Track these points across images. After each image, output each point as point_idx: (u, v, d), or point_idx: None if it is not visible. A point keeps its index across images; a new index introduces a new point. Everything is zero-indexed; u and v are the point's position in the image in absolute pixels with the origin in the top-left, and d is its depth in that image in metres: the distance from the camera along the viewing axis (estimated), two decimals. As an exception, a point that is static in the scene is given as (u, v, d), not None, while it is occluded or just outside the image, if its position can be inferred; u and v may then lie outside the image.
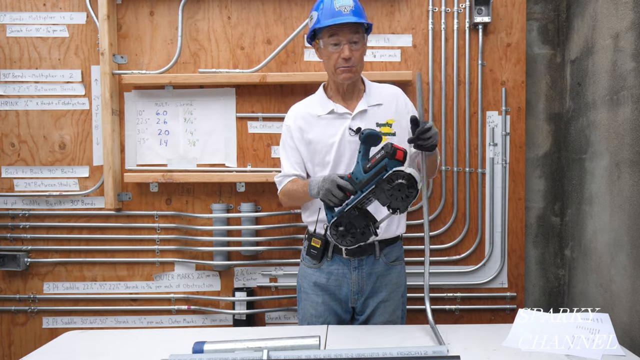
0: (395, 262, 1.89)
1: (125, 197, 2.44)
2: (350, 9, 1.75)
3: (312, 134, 1.86)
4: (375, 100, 1.86)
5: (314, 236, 1.85)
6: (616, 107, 1.94)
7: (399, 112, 1.87)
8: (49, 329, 2.47)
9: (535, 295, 2.50)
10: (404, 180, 1.47)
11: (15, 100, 2.44)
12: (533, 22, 2.44)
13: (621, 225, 1.90)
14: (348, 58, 1.75)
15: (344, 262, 1.84)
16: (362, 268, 1.84)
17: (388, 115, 1.86)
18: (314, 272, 1.87)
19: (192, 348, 1.42)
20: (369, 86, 1.90)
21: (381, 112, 1.85)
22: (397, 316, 1.89)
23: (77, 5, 2.41)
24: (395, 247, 1.90)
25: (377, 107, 1.86)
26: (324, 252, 1.85)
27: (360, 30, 1.78)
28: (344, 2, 1.76)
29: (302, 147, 1.88)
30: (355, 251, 1.82)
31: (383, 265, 1.86)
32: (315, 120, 1.86)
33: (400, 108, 1.88)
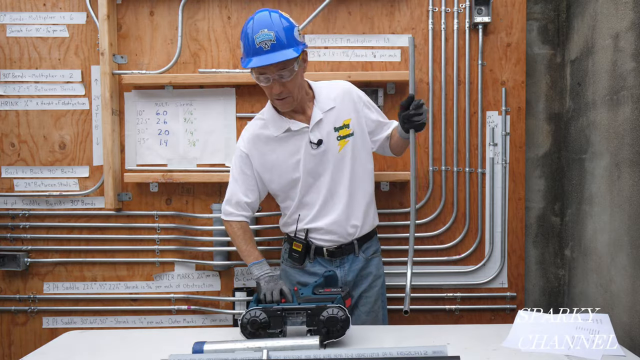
0: (374, 255, 1.96)
1: (125, 197, 2.44)
2: (271, 44, 1.64)
3: (272, 156, 1.85)
4: (328, 105, 1.84)
5: (294, 240, 1.89)
6: (616, 107, 1.94)
7: (355, 108, 1.87)
8: (49, 329, 2.47)
9: (535, 295, 2.50)
10: (338, 317, 1.48)
11: (15, 100, 2.44)
12: (533, 22, 2.44)
13: (621, 225, 1.90)
14: (279, 93, 1.71)
15: (326, 262, 1.89)
16: (343, 266, 1.89)
17: (343, 115, 1.85)
18: (297, 273, 1.92)
19: (192, 348, 1.42)
20: (318, 92, 1.86)
21: (335, 114, 1.85)
22: (378, 306, 1.95)
23: (77, 5, 2.41)
24: (372, 242, 1.96)
25: (331, 111, 1.84)
26: (306, 255, 1.89)
27: (289, 62, 1.67)
28: (264, 36, 1.64)
29: (263, 172, 1.87)
30: (336, 252, 1.88)
31: (362, 261, 1.92)
32: (273, 141, 1.84)
33: (355, 104, 1.87)
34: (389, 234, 2.40)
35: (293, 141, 1.83)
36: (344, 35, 2.39)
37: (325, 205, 1.85)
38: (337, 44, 2.39)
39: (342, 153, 1.84)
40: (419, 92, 2.39)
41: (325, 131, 1.83)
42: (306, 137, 1.82)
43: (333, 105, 1.84)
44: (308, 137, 1.82)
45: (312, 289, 1.65)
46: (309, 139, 1.81)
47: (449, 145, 2.40)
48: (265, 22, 1.67)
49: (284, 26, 1.68)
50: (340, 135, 1.84)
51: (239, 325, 1.50)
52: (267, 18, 1.68)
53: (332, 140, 1.83)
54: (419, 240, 2.41)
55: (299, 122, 1.83)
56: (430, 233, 2.41)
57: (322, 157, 1.83)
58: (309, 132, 1.82)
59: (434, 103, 2.39)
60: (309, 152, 1.82)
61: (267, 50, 1.64)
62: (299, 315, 1.51)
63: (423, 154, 2.40)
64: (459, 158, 2.40)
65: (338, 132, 1.84)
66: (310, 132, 1.82)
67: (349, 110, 1.86)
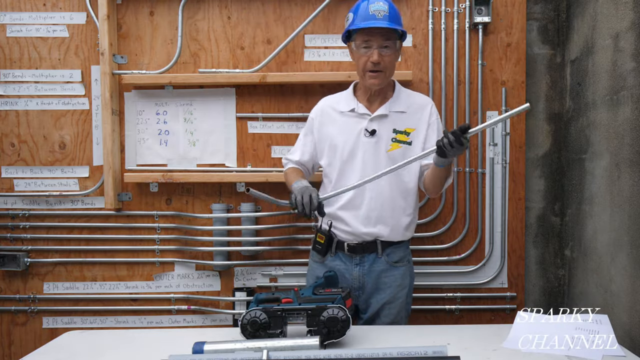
0: (399, 262, 1.89)
1: (125, 197, 2.44)
2: (384, 14, 1.76)
3: (331, 128, 1.91)
4: (400, 107, 1.88)
5: (319, 231, 1.90)
6: (616, 107, 1.94)
7: (422, 123, 1.88)
8: (49, 329, 2.47)
9: (535, 295, 2.50)
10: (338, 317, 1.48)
11: (15, 100, 2.44)
12: (533, 22, 2.44)
13: (621, 225, 1.90)
14: (377, 62, 1.77)
15: (347, 258, 1.88)
16: (363, 265, 1.87)
17: (409, 124, 1.87)
18: (318, 267, 1.92)
19: (192, 348, 1.42)
20: (398, 92, 1.91)
21: (403, 119, 1.87)
22: (401, 317, 1.91)
23: (77, 5, 2.41)
24: (399, 248, 1.90)
25: (400, 114, 1.87)
26: (328, 248, 1.89)
27: (392, 36, 1.78)
28: (379, 6, 1.77)
29: (319, 142, 1.94)
30: (357, 248, 1.86)
31: (385, 264, 1.87)
32: (338, 115, 1.91)
33: (425, 119, 1.88)
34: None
35: (353, 122, 1.88)
36: (344, 35, 2.39)
37: (356, 196, 1.84)
38: (337, 44, 2.39)
39: (390, 155, 1.84)
40: (419, 91, 2.37)
41: (384, 127, 1.85)
42: (364, 123, 1.86)
43: (404, 110, 1.87)
44: (366, 124, 1.86)
45: (312, 289, 1.66)
46: (365, 127, 1.85)
47: (449, 145, 2.39)
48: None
49: (396, 8, 1.83)
50: (397, 138, 1.85)
51: (239, 326, 1.50)
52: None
53: (387, 138, 1.85)
54: (419, 240, 2.41)
55: (366, 108, 1.87)
56: (430, 233, 2.41)
57: (370, 148, 1.85)
58: (368, 120, 1.85)
59: (434, 103, 2.38)
60: (361, 138, 1.85)
61: (380, 19, 1.76)
62: (299, 315, 1.51)
63: (423, 154, 2.40)
64: (459, 158, 2.40)
65: (396, 134, 1.86)
66: (370, 121, 1.85)
67: (416, 122, 1.88)
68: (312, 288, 1.66)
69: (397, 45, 1.81)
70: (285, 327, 1.52)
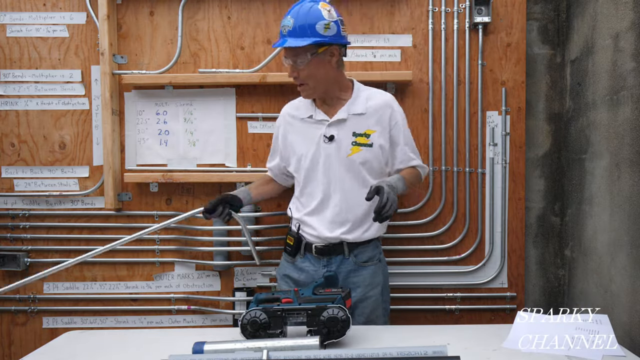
0: (368, 262, 1.90)
1: (125, 197, 2.44)
2: (288, 30, 1.73)
3: (293, 137, 1.92)
4: (359, 109, 1.85)
5: (289, 234, 1.94)
6: (616, 107, 1.94)
7: (383, 124, 1.86)
8: (49, 329, 2.47)
9: (535, 295, 2.50)
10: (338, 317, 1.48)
11: (15, 100, 2.44)
12: (533, 22, 2.44)
13: (621, 225, 1.90)
14: (292, 77, 1.80)
15: (315, 260, 1.90)
16: (330, 266, 1.88)
17: (369, 125, 1.85)
18: (288, 266, 1.95)
19: (192, 348, 1.42)
20: (356, 93, 1.88)
21: (362, 121, 1.85)
22: (376, 315, 1.90)
23: (77, 5, 2.41)
24: (367, 248, 1.90)
25: (359, 117, 1.85)
26: (297, 249, 1.91)
27: (303, 50, 1.73)
28: (285, 22, 1.74)
29: (284, 148, 1.95)
30: (324, 250, 1.88)
31: (352, 265, 1.88)
32: (298, 123, 1.91)
33: (385, 119, 1.86)
34: (390, 234, 2.40)
35: (312, 129, 1.87)
36: (344, 35, 2.39)
37: (321, 202, 1.86)
38: (337, 44, 2.39)
39: (351, 159, 1.83)
40: (419, 92, 2.39)
41: (343, 131, 1.84)
42: (323, 129, 1.85)
43: (364, 111, 1.85)
44: (324, 130, 1.85)
45: (312, 289, 1.66)
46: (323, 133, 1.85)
47: (449, 146, 2.40)
48: (293, 10, 1.74)
49: (310, 17, 1.72)
50: (356, 141, 1.84)
51: (239, 326, 1.50)
52: (299, 7, 1.75)
53: (346, 143, 1.84)
54: (419, 240, 2.42)
55: (324, 113, 1.87)
56: (430, 233, 2.41)
57: (330, 154, 1.84)
58: (326, 126, 1.85)
59: (434, 103, 2.39)
60: (321, 144, 1.85)
61: (284, 35, 1.74)
62: (299, 315, 1.51)
63: (423, 154, 2.40)
64: (459, 158, 2.40)
65: (356, 137, 1.84)
66: (328, 126, 1.85)
67: (376, 123, 1.85)
68: (312, 288, 1.66)
69: (309, 56, 1.73)
70: (285, 327, 1.52)
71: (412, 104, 2.40)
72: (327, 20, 1.73)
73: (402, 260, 2.41)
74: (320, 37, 1.73)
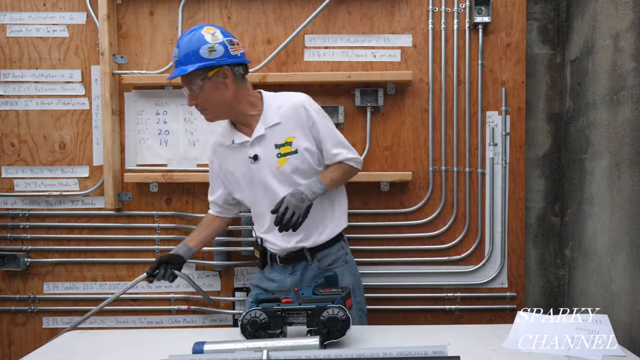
0: (333, 265, 1.90)
1: (125, 197, 2.44)
2: (175, 60, 1.74)
3: (227, 164, 1.92)
4: (273, 120, 1.82)
5: (255, 247, 1.97)
6: (616, 107, 1.94)
7: (301, 127, 1.82)
8: (49, 329, 2.47)
9: (535, 295, 2.50)
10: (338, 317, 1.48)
11: (15, 100, 2.44)
12: (533, 22, 2.44)
13: (621, 225, 1.90)
14: (191, 105, 1.78)
15: (281, 269, 1.92)
16: (295, 274, 1.90)
17: (288, 132, 1.82)
18: (260, 277, 1.98)
19: (192, 348, 1.42)
20: (267, 105, 1.84)
21: (279, 131, 1.82)
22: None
23: (77, 5, 2.41)
24: (330, 251, 1.91)
25: (276, 127, 1.82)
26: (264, 261, 1.94)
27: (193, 77, 1.72)
28: (174, 52, 1.75)
29: (224, 177, 1.95)
30: (288, 259, 1.89)
31: (316, 270, 1.89)
32: (226, 150, 1.90)
33: (302, 121, 1.82)
34: (390, 234, 2.41)
35: (239, 152, 1.86)
36: (344, 35, 2.39)
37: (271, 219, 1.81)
38: (337, 44, 2.39)
39: (281, 171, 1.82)
40: (419, 92, 2.39)
41: (265, 147, 1.82)
42: (247, 150, 1.84)
43: (279, 120, 1.82)
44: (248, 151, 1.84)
45: (312, 289, 1.66)
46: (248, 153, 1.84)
47: (449, 145, 2.40)
48: (180, 40, 1.75)
49: (193, 43, 1.72)
50: (281, 152, 1.82)
51: (239, 326, 1.50)
52: (184, 36, 1.75)
53: (271, 157, 1.82)
54: (419, 240, 2.42)
55: (244, 135, 1.84)
56: (430, 233, 2.41)
57: (261, 172, 1.84)
58: (248, 146, 1.83)
59: (434, 103, 2.39)
60: (250, 166, 1.85)
61: (175, 66, 1.75)
62: (300, 315, 1.51)
63: (423, 154, 2.40)
64: (459, 158, 2.40)
65: (279, 149, 1.82)
66: (250, 146, 1.83)
67: (294, 128, 1.82)
68: (312, 288, 1.66)
69: (200, 81, 1.72)
70: (285, 327, 1.52)
71: (412, 104, 2.40)
72: (211, 44, 1.72)
73: (402, 260, 2.41)
74: (205, 61, 1.71)
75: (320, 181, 1.80)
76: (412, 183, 2.40)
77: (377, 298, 2.42)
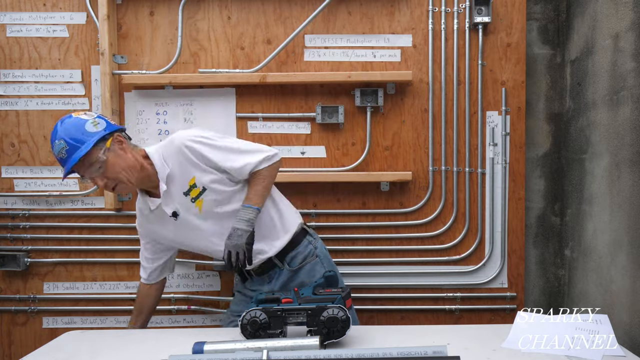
0: (304, 262, 1.93)
1: (125, 197, 2.44)
2: (65, 150, 1.66)
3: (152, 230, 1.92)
4: (164, 172, 1.78)
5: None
6: (616, 107, 1.94)
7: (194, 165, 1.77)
8: (49, 329, 2.47)
9: (535, 295, 2.50)
10: (338, 317, 1.48)
11: (15, 100, 2.44)
12: (533, 22, 2.44)
13: (621, 225, 1.90)
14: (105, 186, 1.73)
15: (259, 279, 1.96)
16: (271, 281, 1.94)
17: (185, 177, 1.78)
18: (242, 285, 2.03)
19: (192, 348, 1.42)
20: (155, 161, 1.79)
21: (177, 178, 1.78)
22: None
23: (77, 5, 2.41)
24: (296, 252, 1.93)
25: (172, 178, 1.78)
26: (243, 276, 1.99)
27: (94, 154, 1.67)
28: (57, 148, 1.67)
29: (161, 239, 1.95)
30: (262, 271, 1.93)
31: (287, 273, 1.92)
32: (148, 217, 1.89)
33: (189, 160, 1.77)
34: (390, 234, 2.41)
35: (160, 215, 1.85)
36: (344, 35, 2.39)
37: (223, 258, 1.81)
38: (337, 44, 2.39)
39: (205, 212, 1.81)
40: (419, 92, 2.39)
41: (177, 200, 1.80)
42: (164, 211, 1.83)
43: (169, 170, 1.78)
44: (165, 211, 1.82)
45: (312, 289, 1.66)
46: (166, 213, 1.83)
47: (449, 145, 2.40)
48: (55, 135, 1.68)
49: (75, 126, 1.68)
50: (193, 197, 1.80)
51: (239, 326, 1.51)
52: (55, 130, 1.69)
53: (188, 206, 1.81)
54: (419, 240, 2.42)
55: (156, 198, 1.83)
56: (430, 233, 2.41)
57: (187, 224, 1.83)
58: (162, 207, 1.82)
59: (434, 103, 2.39)
60: (176, 224, 1.84)
61: (67, 158, 1.66)
62: (299, 315, 1.51)
63: (423, 154, 2.40)
64: (459, 158, 2.40)
65: (189, 195, 1.79)
66: (164, 207, 1.81)
67: (188, 169, 1.77)
68: (312, 288, 1.66)
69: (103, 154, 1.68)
70: (285, 327, 1.52)
71: (412, 104, 2.40)
72: (91, 119, 1.71)
73: (402, 260, 2.41)
74: (97, 134, 1.68)
75: (247, 205, 1.77)
76: (412, 183, 2.40)
77: (377, 298, 2.42)
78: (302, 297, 1.60)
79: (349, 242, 2.42)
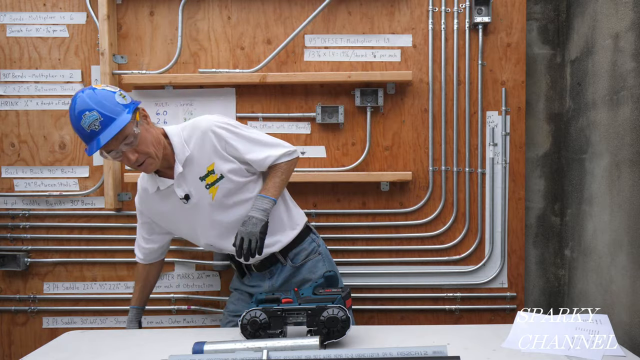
0: (307, 259, 1.93)
1: (125, 197, 2.44)
2: (99, 122, 1.57)
3: (153, 210, 1.88)
4: (184, 154, 1.74)
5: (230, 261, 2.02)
6: (616, 107, 1.94)
7: (216, 152, 1.75)
8: (49, 329, 2.47)
9: (535, 295, 2.50)
10: (338, 317, 1.48)
11: (15, 100, 2.44)
12: (533, 22, 2.44)
13: (621, 225, 1.90)
14: (136, 160, 1.65)
15: (258, 275, 1.94)
16: (272, 277, 1.92)
17: (204, 162, 1.75)
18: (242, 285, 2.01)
19: (192, 348, 1.42)
20: (174, 143, 1.75)
21: (197, 163, 1.75)
22: None
23: (77, 5, 2.41)
24: (300, 248, 1.93)
25: (192, 161, 1.75)
26: (242, 272, 1.98)
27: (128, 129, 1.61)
28: (88, 120, 1.57)
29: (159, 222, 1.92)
30: (263, 266, 1.91)
31: (291, 269, 1.91)
32: (155, 196, 1.83)
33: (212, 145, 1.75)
34: (390, 234, 2.41)
35: (168, 197, 1.80)
36: (344, 35, 2.39)
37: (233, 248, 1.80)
38: (337, 44, 2.39)
39: (218, 200, 1.78)
40: (419, 92, 2.39)
41: (191, 183, 1.77)
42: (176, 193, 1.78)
43: (189, 153, 1.74)
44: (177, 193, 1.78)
45: (312, 289, 1.66)
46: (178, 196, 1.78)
47: (449, 145, 2.40)
48: (86, 108, 1.58)
49: (105, 97, 1.61)
50: (208, 183, 1.76)
51: (239, 326, 1.51)
52: (83, 100, 1.59)
53: (201, 191, 1.77)
54: (419, 240, 2.41)
55: (167, 179, 1.78)
56: (430, 233, 2.41)
57: (197, 209, 1.79)
58: (175, 188, 1.77)
59: (434, 103, 2.39)
60: (184, 207, 1.79)
61: (100, 130, 1.58)
62: (299, 315, 1.51)
63: (423, 154, 2.40)
64: (459, 158, 2.40)
65: (205, 181, 1.76)
66: (176, 188, 1.77)
67: (210, 155, 1.75)
68: (312, 288, 1.66)
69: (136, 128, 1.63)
70: (285, 327, 1.52)
71: (412, 104, 2.40)
72: (117, 91, 1.65)
73: (402, 260, 2.41)
74: (129, 105, 1.64)
75: (263, 195, 1.76)
76: (412, 183, 2.41)
77: (377, 298, 2.42)
78: (302, 297, 1.60)
79: (349, 242, 2.42)
